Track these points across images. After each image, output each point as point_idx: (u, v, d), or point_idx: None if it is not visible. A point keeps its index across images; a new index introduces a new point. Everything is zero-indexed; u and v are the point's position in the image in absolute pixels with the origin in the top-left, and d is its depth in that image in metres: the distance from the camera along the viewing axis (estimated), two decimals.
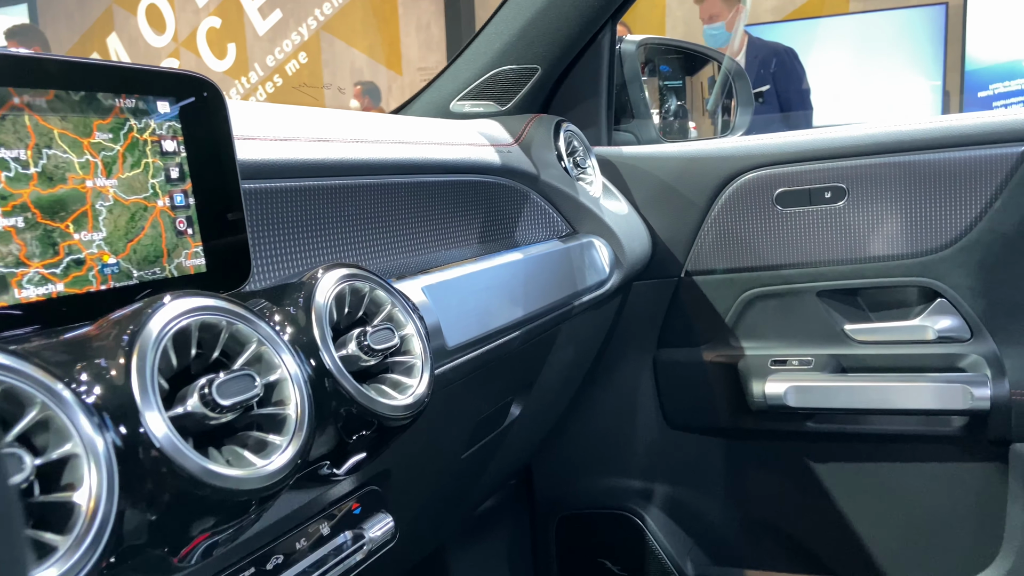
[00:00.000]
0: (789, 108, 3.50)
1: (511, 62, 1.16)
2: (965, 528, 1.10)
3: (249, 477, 0.41)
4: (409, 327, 0.57)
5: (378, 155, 0.75)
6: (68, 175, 0.47)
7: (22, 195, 0.44)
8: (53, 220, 0.46)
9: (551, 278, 0.86)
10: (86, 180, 0.48)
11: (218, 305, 0.45)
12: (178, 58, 7.52)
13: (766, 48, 3.49)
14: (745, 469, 1.23)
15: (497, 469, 1.05)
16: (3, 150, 0.44)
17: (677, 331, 1.22)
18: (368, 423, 0.52)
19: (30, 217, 0.45)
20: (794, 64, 3.56)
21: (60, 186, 0.46)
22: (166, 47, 7.63)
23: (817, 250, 1.11)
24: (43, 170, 0.45)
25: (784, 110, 3.49)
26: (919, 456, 1.12)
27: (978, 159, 1.02)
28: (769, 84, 3.44)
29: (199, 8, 7.43)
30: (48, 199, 0.45)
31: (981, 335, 1.04)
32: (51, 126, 0.46)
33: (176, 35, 7.59)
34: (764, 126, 1.57)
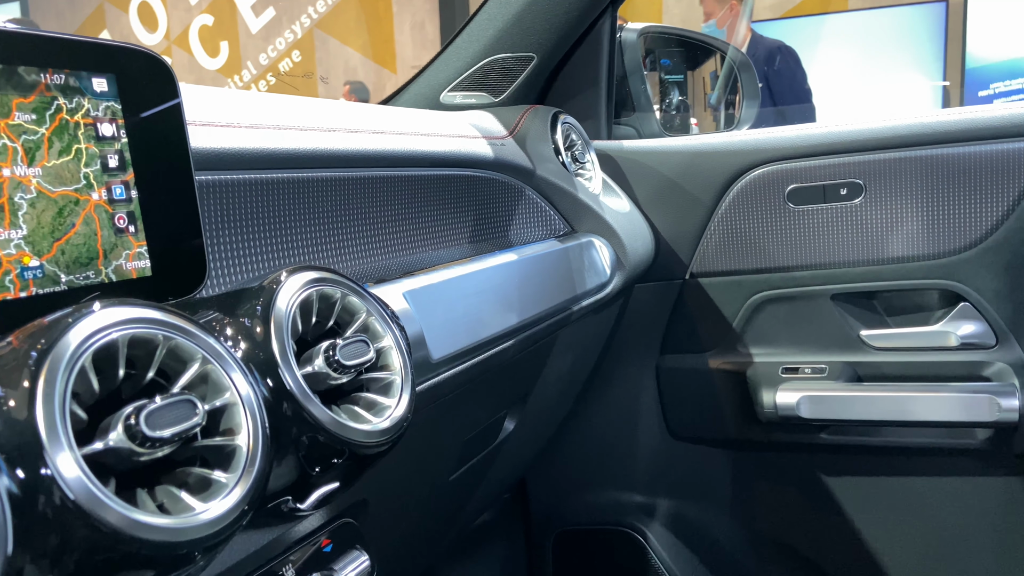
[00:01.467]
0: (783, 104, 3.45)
1: (505, 50, 1.09)
2: (989, 547, 1.04)
3: (184, 527, 0.34)
4: (387, 339, 0.50)
5: (357, 146, 0.68)
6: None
7: None
8: None
9: (548, 281, 0.79)
10: (2, 168, 0.40)
11: (153, 316, 0.38)
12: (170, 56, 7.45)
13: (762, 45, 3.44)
14: (753, 483, 1.17)
15: (488, 489, 0.98)
16: None
17: (681, 336, 1.15)
18: (338, 451, 0.45)
19: None
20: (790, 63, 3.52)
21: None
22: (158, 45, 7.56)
23: (831, 250, 1.05)
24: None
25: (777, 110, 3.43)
26: (940, 470, 1.06)
27: (1005, 153, 0.96)
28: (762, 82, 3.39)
29: (191, 6, 7.37)
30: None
31: (1007, 342, 0.98)
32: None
33: (168, 33, 7.52)
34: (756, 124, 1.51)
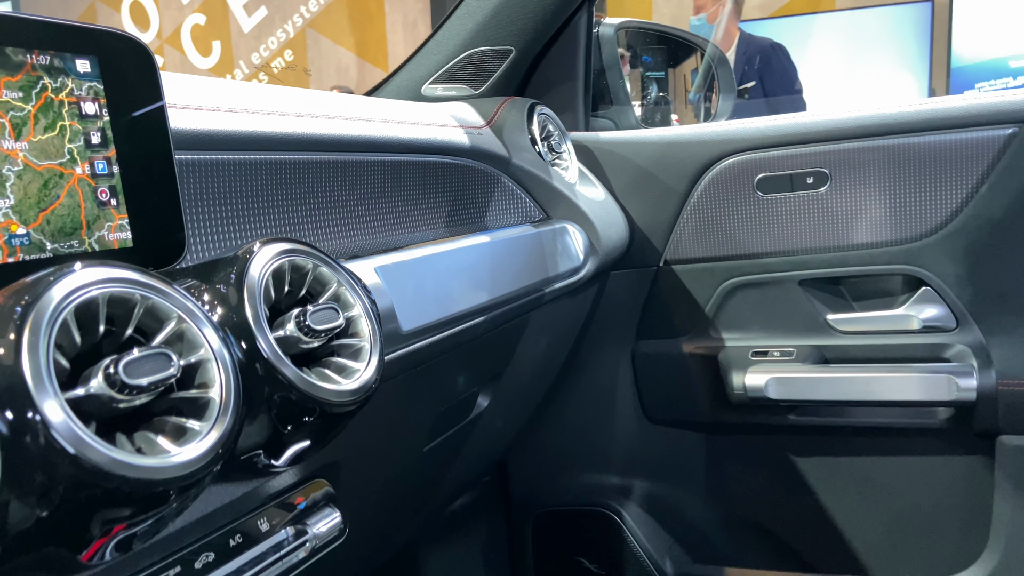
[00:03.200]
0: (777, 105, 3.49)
1: (484, 43, 1.12)
2: (951, 523, 1.07)
3: (161, 466, 0.37)
4: (357, 307, 0.53)
5: (334, 131, 0.71)
6: None
7: None
8: None
9: (520, 263, 0.82)
10: None
11: (133, 277, 0.41)
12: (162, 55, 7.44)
13: (756, 44, 3.47)
14: (726, 464, 1.20)
15: (466, 464, 1.01)
16: None
17: (656, 322, 1.18)
18: (308, 410, 0.48)
19: None
20: (783, 61, 3.56)
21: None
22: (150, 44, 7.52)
23: (799, 237, 1.08)
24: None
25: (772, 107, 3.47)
26: (904, 449, 1.09)
27: (964, 142, 0.99)
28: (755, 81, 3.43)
29: (183, 5, 7.36)
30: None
31: (967, 324, 1.02)
32: None
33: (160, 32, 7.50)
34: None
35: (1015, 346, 0.99)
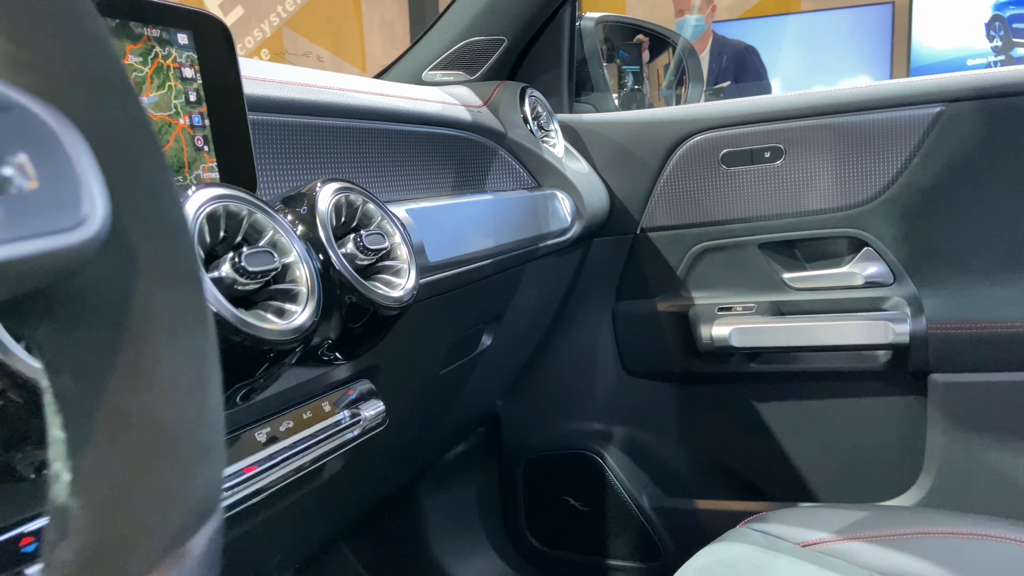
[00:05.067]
0: None
1: (479, 33, 1.25)
2: (891, 454, 1.22)
3: (277, 330, 0.50)
4: (397, 236, 0.66)
5: (360, 102, 0.84)
6: None
7: None
8: None
9: (519, 219, 0.96)
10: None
11: (243, 196, 0.54)
12: None
13: (729, 46, 3.63)
14: (695, 410, 1.34)
15: (470, 398, 1.14)
16: None
17: (633, 284, 1.32)
18: (365, 311, 0.61)
19: None
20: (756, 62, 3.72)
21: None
22: None
23: (758, 206, 1.22)
24: None
25: None
26: (849, 391, 1.23)
27: (899, 120, 1.14)
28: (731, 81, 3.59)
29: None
30: None
31: (903, 279, 1.16)
32: None
33: None
34: None
35: (943, 296, 1.14)
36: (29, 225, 0.20)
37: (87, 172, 0.22)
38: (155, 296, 0.23)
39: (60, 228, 0.21)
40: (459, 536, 1.39)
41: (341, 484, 0.84)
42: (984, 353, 1.11)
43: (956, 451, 1.14)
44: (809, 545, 0.84)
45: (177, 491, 0.22)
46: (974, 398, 1.13)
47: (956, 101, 1.10)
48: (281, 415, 0.60)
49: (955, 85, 1.11)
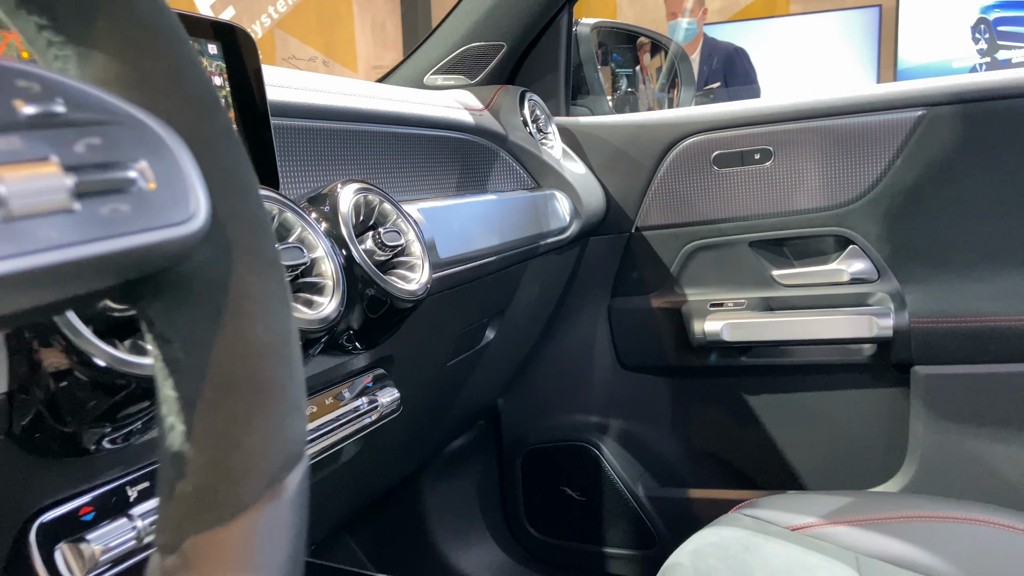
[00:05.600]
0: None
1: (480, 39, 1.29)
2: (876, 442, 1.27)
3: (307, 320, 0.54)
4: (411, 234, 0.71)
5: (372, 106, 0.88)
6: None
7: None
8: None
9: (520, 218, 1.01)
10: None
11: (273, 195, 0.58)
12: None
13: (720, 48, 3.69)
14: (688, 403, 1.39)
15: (474, 390, 1.19)
16: None
17: (629, 281, 1.36)
18: (383, 303, 0.65)
19: None
20: (745, 64, 3.78)
21: None
22: None
23: (749, 206, 1.27)
24: None
25: None
26: (835, 383, 1.28)
27: (883, 123, 1.19)
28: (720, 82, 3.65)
29: None
30: None
31: (886, 275, 1.21)
32: None
33: None
34: None
35: (924, 291, 1.19)
36: (151, 219, 0.25)
37: (192, 175, 0.26)
38: (248, 278, 0.28)
39: (174, 222, 0.25)
40: (459, 526, 1.43)
41: (353, 471, 0.88)
42: (964, 346, 1.16)
43: (937, 440, 1.19)
44: (798, 529, 0.88)
45: (274, 438, 0.26)
46: (955, 389, 1.18)
47: (937, 105, 1.15)
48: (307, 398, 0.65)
49: (936, 90, 1.16)
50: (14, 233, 0.21)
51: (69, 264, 0.23)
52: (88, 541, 0.44)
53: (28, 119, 0.23)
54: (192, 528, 0.25)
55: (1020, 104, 1.13)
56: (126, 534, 0.46)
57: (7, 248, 0.21)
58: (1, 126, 0.23)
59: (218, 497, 0.25)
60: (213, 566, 0.24)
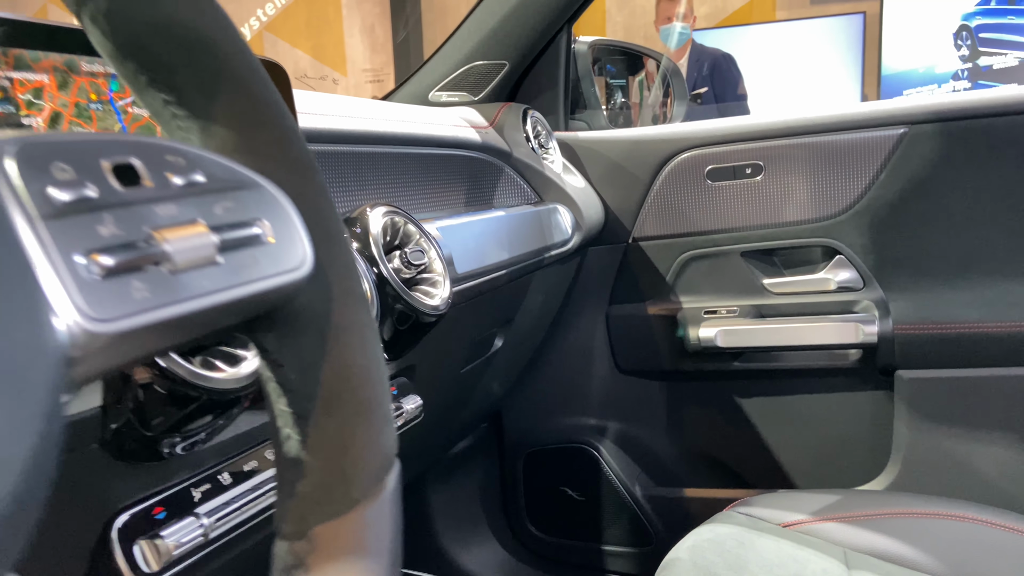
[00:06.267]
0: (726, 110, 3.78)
1: (483, 58, 1.35)
2: (862, 443, 1.33)
3: None
4: (433, 252, 0.76)
5: (388, 129, 0.93)
6: None
7: None
8: None
9: (527, 233, 1.06)
10: None
11: None
12: None
13: (708, 53, 3.76)
14: (683, 406, 1.44)
15: (482, 393, 1.24)
16: None
17: (626, 289, 1.42)
18: (409, 317, 0.70)
19: None
20: (732, 69, 3.85)
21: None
22: None
23: (741, 217, 1.32)
24: None
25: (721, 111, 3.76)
26: (824, 387, 1.34)
27: (867, 139, 1.25)
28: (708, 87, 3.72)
29: None
30: None
31: (871, 284, 1.27)
32: None
33: None
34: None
35: (907, 299, 1.25)
36: (272, 267, 0.30)
37: (300, 229, 0.32)
38: (345, 312, 0.33)
39: (289, 268, 0.31)
40: (462, 525, 1.48)
41: None
42: (945, 351, 1.22)
43: (920, 440, 1.25)
44: (789, 526, 0.94)
45: (374, 446, 0.32)
46: (936, 392, 1.24)
47: (918, 123, 1.21)
48: None
49: (917, 108, 1.22)
50: (179, 283, 0.27)
51: (218, 306, 0.28)
52: (163, 538, 0.49)
53: (178, 189, 0.29)
54: (315, 519, 0.30)
55: (997, 123, 1.19)
56: (194, 531, 0.51)
57: (177, 295, 0.27)
58: (161, 196, 0.28)
59: (334, 494, 0.31)
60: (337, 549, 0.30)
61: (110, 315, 0.25)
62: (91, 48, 0.54)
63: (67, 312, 0.24)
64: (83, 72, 0.54)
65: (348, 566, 0.30)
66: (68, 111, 0.53)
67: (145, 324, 0.26)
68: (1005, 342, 1.18)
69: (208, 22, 0.32)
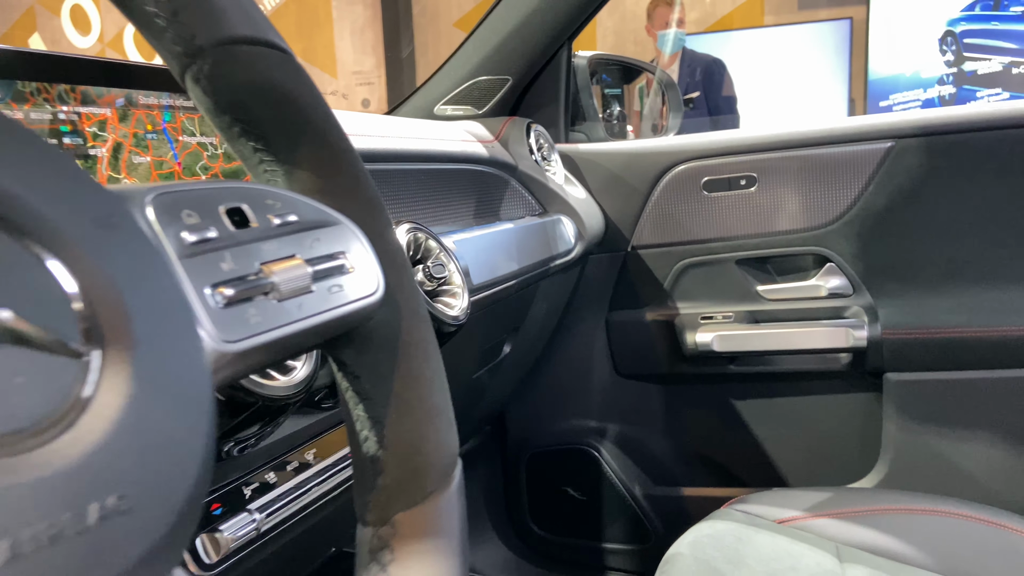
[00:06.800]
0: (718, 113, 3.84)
1: (487, 73, 1.40)
2: (851, 444, 1.38)
3: None
4: (452, 265, 0.81)
5: (403, 147, 0.98)
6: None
7: (214, 168, 0.66)
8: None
9: (534, 243, 1.11)
10: None
11: None
12: None
13: (699, 59, 3.82)
14: (681, 408, 1.49)
15: (490, 397, 1.29)
16: (204, 138, 0.65)
17: (625, 296, 1.46)
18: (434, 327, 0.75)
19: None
20: (723, 74, 3.91)
21: (235, 163, 0.68)
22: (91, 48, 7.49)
23: (735, 227, 1.37)
24: (225, 151, 0.67)
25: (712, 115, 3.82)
26: (815, 389, 1.39)
27: (856, 152, 1.30)
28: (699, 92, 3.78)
29: None
30: (228, 171, 0.67)
31: (861, 291, 1.33)
32: None
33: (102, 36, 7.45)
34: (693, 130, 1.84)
35: (895, 305, 1.31)
36: (354, 293, 0.35)
37: (374, 260, 0.37)
38: (412, 330, 0.38)
39: (366, 294, 0.36)
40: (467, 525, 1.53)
41: None
42: (931, 355, 1.27)
43: (908, 439, 1.31)
44: (784, 522, 0.98)
45: (442, 446, 0.37)
46: (923, 394, 1.29)
47: (904, 137, 1.27)
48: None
49: (903, 123, 1.28)
50: (283, 309, 0.32)
51: (312, 327, 0.33)
52: (221, 531, 0.54)
53: (278, 228, 0.34)
54: (396, 509, 0.35)
55: (979, 138, 1.25)
56: (248, 525, 0.55)
57: (282, 319, 0.32)
58: (265, 235, 0.33)
59: (411, 487, 0.36)
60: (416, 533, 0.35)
61: (233, 337, 0.30)
62: (147, 83, 0.59)
63: (205, 335, 0.29)
64: (140, 105, 0.59)
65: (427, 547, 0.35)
66: (128, 141, 0.58)
67: (258, 345, 0.31)
68: (988, 346, 1.24)
69: (292, 81, 0.37)
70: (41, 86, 0.52)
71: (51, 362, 0.21)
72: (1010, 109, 1.24)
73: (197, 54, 0.35)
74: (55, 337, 0.21)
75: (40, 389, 0.21)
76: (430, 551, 0.35)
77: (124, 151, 0.58)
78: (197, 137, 0.65)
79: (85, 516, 0.20)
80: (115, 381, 0.22)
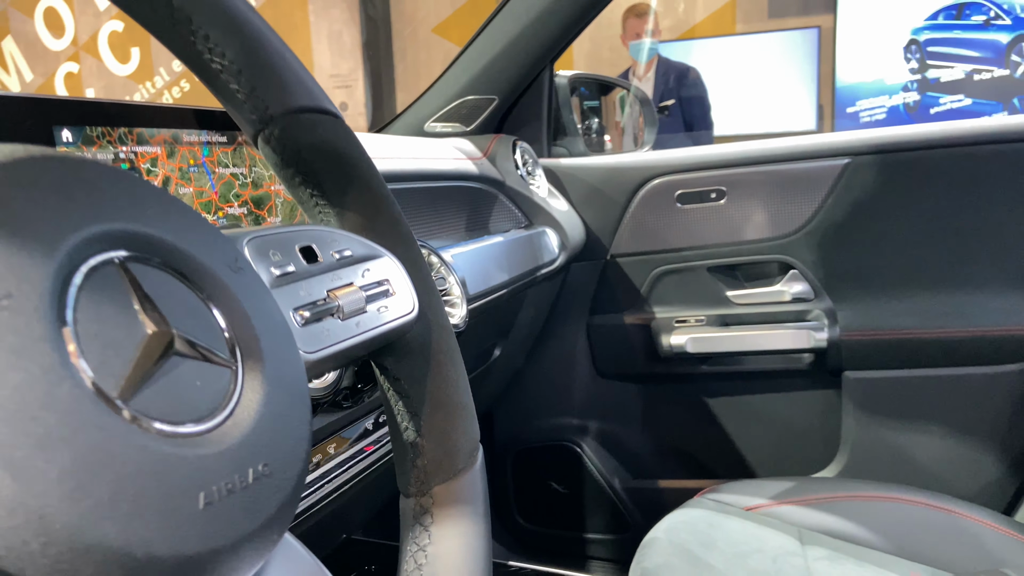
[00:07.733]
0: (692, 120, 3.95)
1: (474, 93, 1.48)
2: (814, 437, 1.48)
3: None
4: (451, 278, 0.90)
5: (404, 167, 1.07)
6: (264, 183, 0.77)
7: (244, 195, 0.75)
8: (259, 209, 0.76)
9: (523, 255, 1.20)
10: (272, 186, 0.78)
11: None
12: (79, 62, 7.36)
13: (674, 67, 3.93)
14: (657, 405, 1.58)
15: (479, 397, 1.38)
16: (235, 168, 0.74)
17: (605, 301, 1.55)
18: None
19: (249, 209, 0.75)
20: (697, 82, 4.02)
21: (261, 190, 0.76)
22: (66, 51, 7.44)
23: (707, 236, 1.46)
24: (253, 180, 0.76)
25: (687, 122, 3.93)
26: (780, 387, 1.49)
27: (817, 168, 1.40)
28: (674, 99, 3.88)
29: (100, 11, 7.26)
30: (255, 197, 0.76)
31: (821, 295, 1.43)
32: (256, 154, 0.76)
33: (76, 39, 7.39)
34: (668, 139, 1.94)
35: (853, 309, 1.41)
36: (396, 312, 0.44)
37: (410, 285, 0.46)
38: (441, 340, 0.47)
39: (405, 313, 0.45)
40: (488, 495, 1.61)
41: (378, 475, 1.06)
42: (886, 354, 1.37)
43: (865, 433, 1.41)
44: (752, 509, 1.06)
45: (466, 433, 0.46)
46: (879, 390, 1.39)
47: (859, 155, 1.37)
48: (371, 413, 0.84)
49: (859, 142, 1.38)
50: (345, 327, 0.41)
51: (366, 340, 0.42)
52: None
53: (337, 261, 0.43)
54: (432, 483, 0.44)
55: (928, 155, 1.35)
56: None
57: (346, 335, 0.41)
58: (329, 267, 0.42)
59: (444, 465, 0.45)
60: (452, 501, 0.44)
61: (311, 349, 0.39)
62: (189, 122, 0.67)
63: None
64: (184, 142, 0.67)
65: (461, 511, 0.44)
66: (175, 175, 0.66)
67: (328, 355, 0.40)
68: (938, 346, 1.35)
69: (343, 141, 0.46)
70: (105, 130, 0.60)
71: (214, 371, 0.30)
72: (956, 129, 1.35)
73: (269, 121, 0.44)
74: (215, 353, 0.30)
75: (210, 389, 0.30)
76: (462, 515, 0.45)
77: (172, 183, 0.66)
78: (230, 168, 0.73)
79: (247, 477, 0.29)
80: (254, 384, 0.31)
